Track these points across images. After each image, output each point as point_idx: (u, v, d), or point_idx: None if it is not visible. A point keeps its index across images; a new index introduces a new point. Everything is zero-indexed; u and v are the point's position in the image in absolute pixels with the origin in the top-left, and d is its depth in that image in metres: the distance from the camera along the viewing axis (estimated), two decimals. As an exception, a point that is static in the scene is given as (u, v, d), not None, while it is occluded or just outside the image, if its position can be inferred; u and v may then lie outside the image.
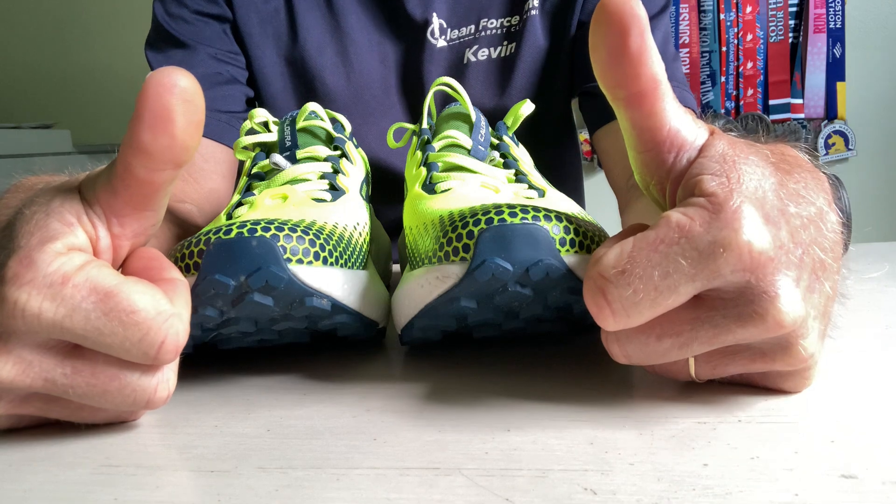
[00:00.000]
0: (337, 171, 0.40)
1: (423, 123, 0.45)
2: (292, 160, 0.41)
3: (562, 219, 0.29)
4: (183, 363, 0.37)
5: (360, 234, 0.36)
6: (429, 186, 0.37)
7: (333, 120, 0.47)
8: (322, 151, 0.41)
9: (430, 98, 0.45)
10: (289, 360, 0.37)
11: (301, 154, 0.41)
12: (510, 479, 0.22)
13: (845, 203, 0.45)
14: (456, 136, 0.40)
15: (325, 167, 0.40)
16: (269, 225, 0.30)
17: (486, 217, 0.28)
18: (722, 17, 1.86)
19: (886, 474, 0.21)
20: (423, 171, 0.38)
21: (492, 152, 0.41)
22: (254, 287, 0.29)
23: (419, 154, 0.41)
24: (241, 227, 0.30)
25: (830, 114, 1.85)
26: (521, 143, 0.46)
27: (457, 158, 0.38)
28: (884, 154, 1.87)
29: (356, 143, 0.48)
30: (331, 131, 0.44)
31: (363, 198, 0.42)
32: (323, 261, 0.31)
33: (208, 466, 0.25)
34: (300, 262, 0.30)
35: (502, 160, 0.40)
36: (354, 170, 0.43)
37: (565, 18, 0.69)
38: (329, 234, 0.33)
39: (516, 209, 0.29)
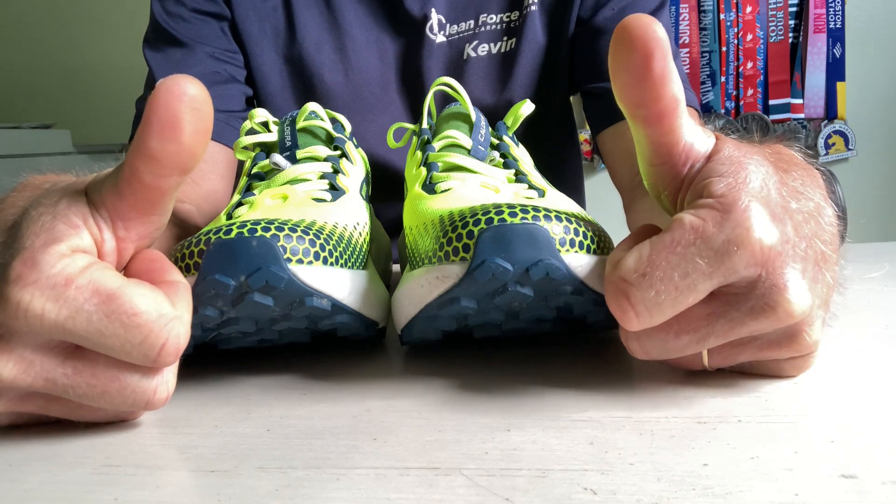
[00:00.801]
0: (337, 170, 0.40)
1: (423, 123, 0.45)
2: (292, 160, 0.41)
3: (562, 219, 0.29)
4: (183, 363, 0.37)
5: (360, 234, 0.36)
6: (429, 186, 0.37)
7: (333, 120, 0.47)
8: (322, 151, 0.41)
9: (430, 98, 0.45)
10: (289, 360, 0.37)
11: (301, 154, 0.41)
12: (510, 479, 0.22)
13: (839, 197, 0.46)
14: (456, 136, 0.40)
15: (325, 167, 0.40)
16: (270, 225, 0.30)
17: (487, 217, 0.28)
18: (722, 17, 1.86)
19: (886, 474, 0.21)
20: (423, 170, 0.38)
21: (492, 152, 0.41)
22: (254, 287, 0.29)
23: (419, 154, 0.41)
24: (242, 227, 0.30)
25: (830, 114, 1.86)
26: (521, 143, 0.46)
27: (457, 158, 0.38)
28: (884, 154, 1.87)
29: (356, 143, 0.48)
30: (331, 131, 0.44)
31: (363, 198, 0.42)
32: (323, 261, 0.31)
33: (208, 466, 0.25)
34: (300, 262, 0.30)
35: (502, 160, 0.40)
36: (354, 170, 0.43)
37: (564, 14, 0.69)
38: (329, 234, 0.33)
39: (516, 209, 0.29)
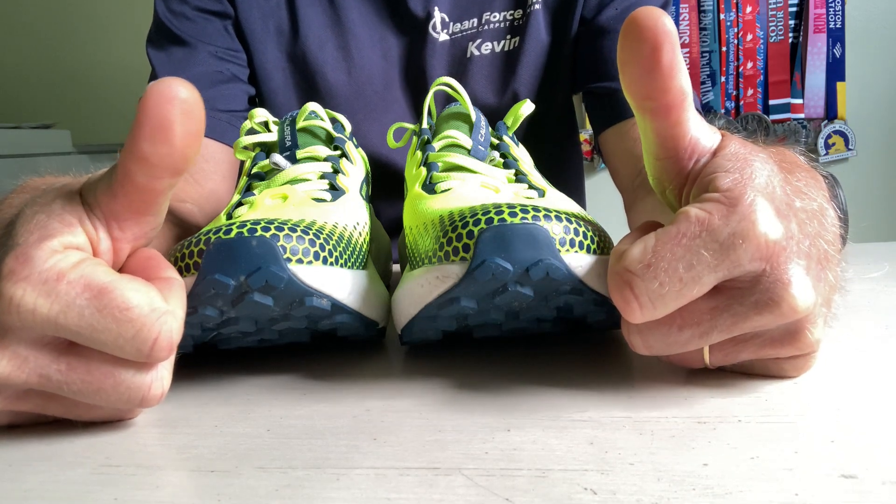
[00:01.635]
0: (337, 170, 0.41)
1: (423, 123, 0.45)
2: (292, 160, 0.41)
3: (562, 218, 0.29)
4: (183, 363, 0.37)
5: (360, 233, 0.36)
6: (429, 186, 0.37)
7: (333, 120, 0.47)
8: (322, 151, 0.41)
9: (430, 98, 0.45)
10: (289, 360, 0.37)
11: (301, 154, 0.41)
12: (510, 479, 0.22)
13: (842, 200, 0.47)
14: (456, 136, 0.40)
15: (325, 167, 0.40)
16: (269, 225, 0.30)
17: (487, 217, 0.28)
18: (722, 17, 1.86)
19: (886, 474, 0.21)
20: (423, 170, 0.38)
21: (492, 152, 0.41)
22: (254, 287, 0.29)
23: (419, 154, 0.41)
24: (241, 226, 0.30)
25: (830, 114, 1.85)
26: (523, 142, 0.46)
27: (457, 158, 0.38)
28: (884, 154, 1.87)
29: (356, 143, 0.48)
30: (331, 131, 0.44)
31: (363, 198, 0.42)
32: (323, 261, 0.31)
33: (208, 466, 0.25)
34: (300, 262, 0.30)
35: (502, 160, 0.40)
36: (354, 170, 0.43)
37: (568, 14, 0.69)
38: (329, 233, 0.33)
39: (516, 209, 0.29)
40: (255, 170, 0.41)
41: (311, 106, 0.44)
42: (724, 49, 1.86)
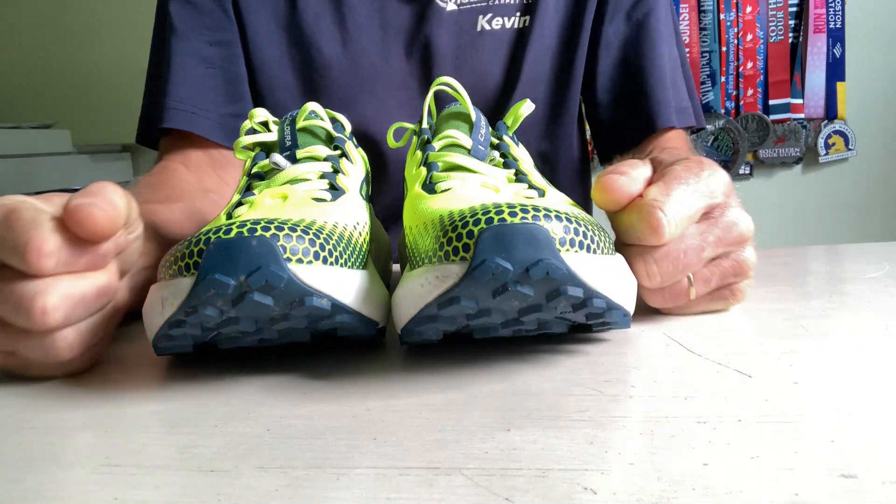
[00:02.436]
0: (337, 170, 0.41)
1: (423, 123, 0.45)
2: (292, 160, 0.41)
3: (562, 218, 0.29)
4: (183, 363, 0.37)
5: (360, 233, 0.36)
6: (429, 186, 0.37)
7: (333, 119, 0.47)
8: (322, 151, 0.41)
9: (429, 98, 0.46)
10: (289, 360, 0.37)
11: (301, 154, 0.41)
12: (510, 479, 0.22)
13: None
14: (456, 136, 0.40)
15: (325, 167, 0.40)
16: (269, 224, 0.30)
17: (487, 217, 0.28)
18: (722, 17, 1.86)
19: (886, 474, 0.21)
20: (423, 170, 0.38)
21: (492, 152, 0.41)
22: (254, 287, 0.29)
23: (419, 154, 0.41)
24: (241, 226, 0.30)
25: (830, 114, 1.86)
26: (521, 143, 0.46)
27: (457, 158, 0.38)
28: (884, 154, 1.87)
29: (356, 143, 0.48)
30: (331, 131, 0.44)
31: (363, 197, 0.42)
32: (323, 260, 0.31)
33: (208, 466, 0.25)
34: (300, 262, 0.30)
35: (502, 160, 0.40)
36: (354, 169, 0.43)
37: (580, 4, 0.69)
38: (329, 233, 0.33)
39: (516, 209, 0.29)
40: (255, 169, 0.41)
41: (311, 106, 0.44)
42: (724, 49, 1.87)
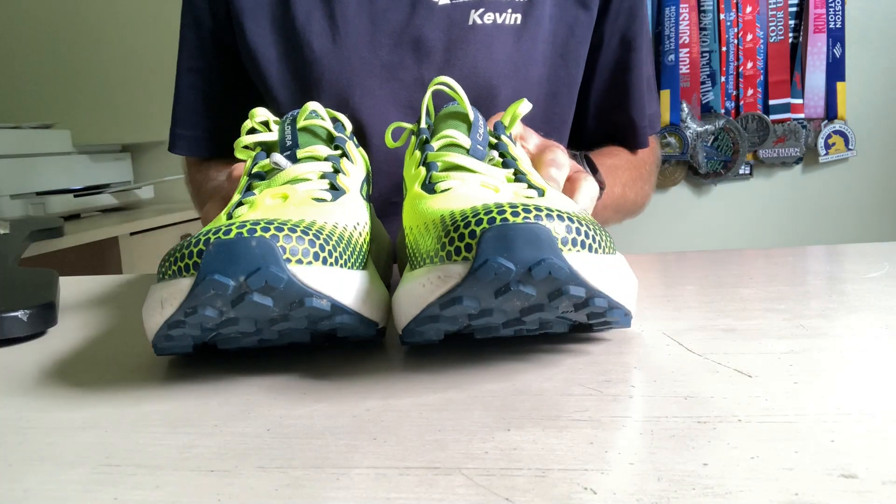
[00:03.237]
0: (337, 170, 0.40)
1: (422, 123, 0.45)
2: (293, 160, 0.41)
3: (563, 218, 0.29)
4: (183, 363, 0.37)
5: (360, 234, 0.36)
6: (428, 186, 0.37)
7: (334, 119, 0.47)
8: (322, 151, 0.41)
9: (427, 97, 0.45)
10: (289, 360, 0.37)
11: (301, 153, 0.41)
12: (510, 479, 0.22)
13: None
14: (454, 136, 0.40)
15: (326, 167, 0.40)
16: (269, 225, 0.30)
17: (489, 216, 0.28)
18: (722, 17, 1.86)
19: (886, 474, 0.21)
20: (422, 170, 0.38)
21: (490, 152, 0.41)
22: (253, 287, 0.29)
23: (418, 154, 0.41)
24: (241, 227, 0.30)
25: (830, 114, 1.85)
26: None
27: (456, 158, 0.38)
28: (884, 154, 1.86)
29: (356, 143, 0.48)
30: (331, 131, 0.44)
31: (363, 197, 0.42)
32: (323, 261, 0.31)
33: (208, 466, 0.25)
34: (300, 263, 0.30)
35: (501, 159, 0.40)
36: (355, 169, 0.43)
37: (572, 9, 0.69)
38: (329, 234, 0.33)
39: (518, 208, 0.29)
40: (255, 169, 0.41)
41: (312, 105, 0.44)
42: (724, 49, 1.86)
